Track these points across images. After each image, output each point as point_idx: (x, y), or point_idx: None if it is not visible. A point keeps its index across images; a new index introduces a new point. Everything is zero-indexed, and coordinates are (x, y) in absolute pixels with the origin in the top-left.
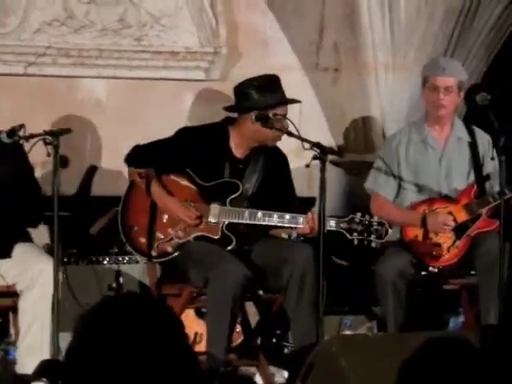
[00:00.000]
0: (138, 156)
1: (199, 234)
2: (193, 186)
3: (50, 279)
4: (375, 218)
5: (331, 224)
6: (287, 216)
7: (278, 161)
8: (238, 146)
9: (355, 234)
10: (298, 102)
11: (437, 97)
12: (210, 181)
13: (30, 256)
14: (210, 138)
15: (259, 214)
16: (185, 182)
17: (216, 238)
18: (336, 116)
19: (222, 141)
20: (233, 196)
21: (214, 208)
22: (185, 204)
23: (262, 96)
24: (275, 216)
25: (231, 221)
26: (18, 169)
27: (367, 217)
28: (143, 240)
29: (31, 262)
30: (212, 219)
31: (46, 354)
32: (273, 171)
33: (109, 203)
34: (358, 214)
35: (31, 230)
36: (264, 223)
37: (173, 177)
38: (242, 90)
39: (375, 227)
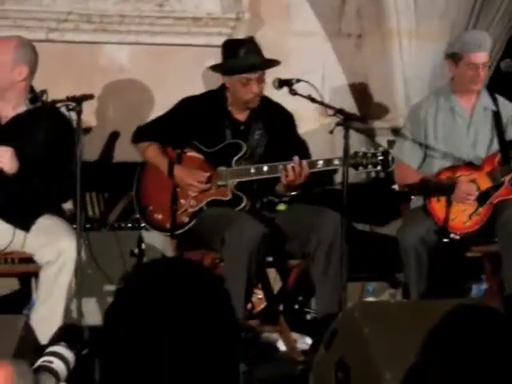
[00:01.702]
0: (144, 133)
1: (210, 198)
2: (198, 155)
3: (72, 257)
4: (379, 149)
5: (319, 164)
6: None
7: (282, 119)
8: (236, 109)
9: (361, 167)
10: (273, 61)
11: (476, 73)
12: (213, 146)
13: (54, 231)
14: (209, 105)
15: (265, 167)
16: (191, 153)
17: (227, 199)
18: (359, 82)
19: (220, 105)
20: (237, 156)
21: (221, 171)
22: (191, 170)
23: (236, 58)
24: (280, 166)
25: (239, 180)
26: (56, 143)
27: (371, 149)
28: (159, 216)
29: (55, 238)
30: (220, 182)
31: (58, 325)
32: (278, 129)
33: (130, 169)
34: (362, 148)
35: None
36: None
37: (178, 149)
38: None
39: (380, 157)
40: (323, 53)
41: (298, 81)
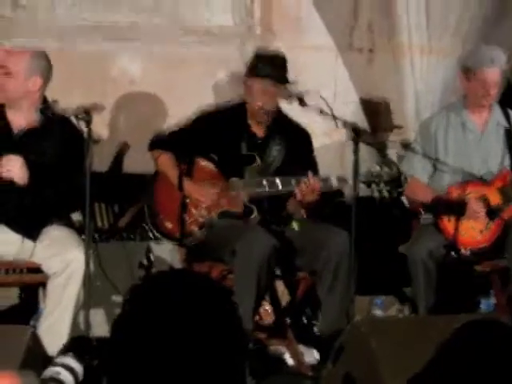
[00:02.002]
0: (161, 141)
1: (222, 209)
2: (212, 165)
3: (80, 268)
4: (394, 169)
5: (332, 181)
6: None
7: (300, 137)
8: (256, 123)
9: (374, 185)
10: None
11: (487, 89)
12: (228, 159)
13: (63, 241)
14: (228, 117)
15: (277, 180)
16: (204, 163)
17: (238, 211)
18: (370, 97)
19: (239, 118)
20: (250, 166)
21: (233, 181)
22: (202, 184)
23: (261, 68)
24: (293, 181)
25: (251, 191)
26: (68, 154)
27: (385, 168)
28: (170, 225)
29: (64, 249)
30: (232, 193)
31: (64, 339)
32: (295, 146)
33: (139, 180)
34: (376, 167)
35: None
36: (284, 190)
37: (195, 160)
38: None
39: (394, 176)
40: (334, 67)
41: (308, 93)
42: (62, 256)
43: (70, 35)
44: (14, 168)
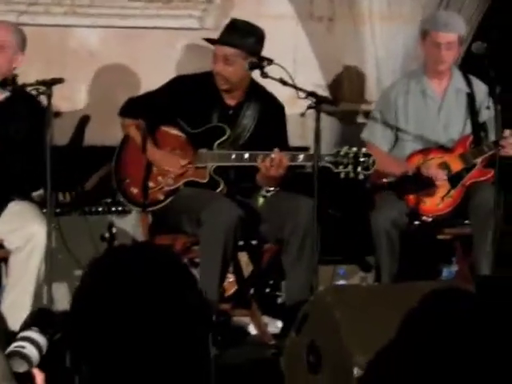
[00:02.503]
0: (132, 107)
1: (188, 179)
2: (182, 134)
3: (42, 242)
4: (362, 150)
5: (300, 158)
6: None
7: (273, 109)
8: (228, 93)
9: (341, 167)
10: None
11: (438, 53)
12: (198, 128)
13: (24, 216)
14: (201, 86)
15: (246, 155)
16: (174, 131)
17: (204, 181)
18: (330, 65)
19: (211, 87)
20: (219, 140)
21: (201, 153)
22: (172, 153)
23: (224, 35)
24: (261, 156)
25: (218, 164)
26: (33, 130)
27: (353, 149)
28: (135, 190)
29: (25, 223)
30: (199, 164)
31: (27, 312)
32: (268, 120)
33: (101, 153)
34: (345, 148)
35: None
36: (251, 164)
37: (163, 127)
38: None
39: (361, 159)
40: (295, 36)
41: (270, 63)
42: (23, 230)
43: (27, 8)
44: None
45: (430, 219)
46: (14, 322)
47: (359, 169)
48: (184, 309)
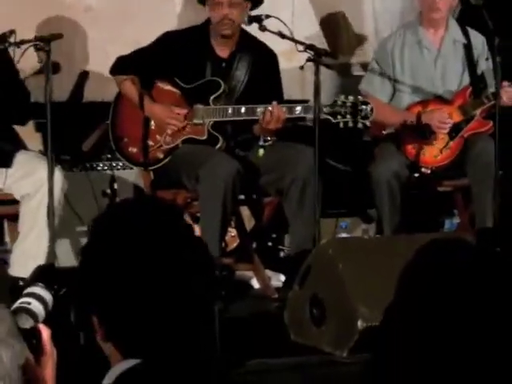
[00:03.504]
0: (123, 64)
1: (186, 136)
2: (176, 90)
3: (55, 185)
4: (359, 98)
5: (297, 110)
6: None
7: (266, 58)
8: (220, 45)
9: (339, 116)
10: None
11: (432, 0)
12: (192, 83)
13: (32, 163)
14: (192, 40)
15: (242, 109)
16: (168, 87)
17: (203, 138)
18: (328, 18)
19: (202, 41)
20: (215, 95)
21: (198, 109)
22: (168, 108)
23: None
24: (258, 109)
25: (216, 119)
26: (4, 74)
27: (350, 98)
28: (134, 150)
29: (35, 169)
30: (197, 120)
31: (41, 261)
32: (261, 69)
33: (101, 109)
34: (341, 97)
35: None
36: (249, 118)
37: (157, 83)
38: None
39: (359, 107)
40: None
41: (268, 16)
42: (33, 176)
43: None
44: None
45: (429, 171)
46: (25, 272)
47: (358, 117)
48: (188, 264)
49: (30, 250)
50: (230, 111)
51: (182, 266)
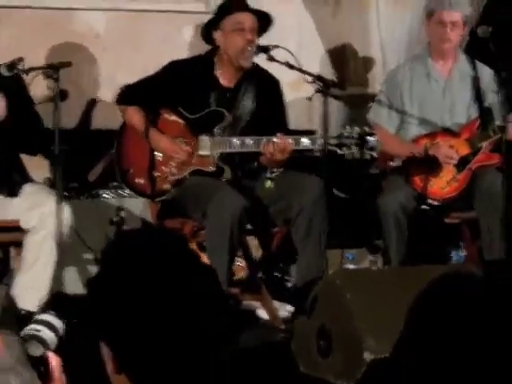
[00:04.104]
0: (129, 95)
1: (193, 168)
2: (181, 120)
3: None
4: (366, 129)
5: (304, 142)
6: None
7: (270, 86)
8: (224, 75)
9: (345, 148)
10: (265, 13)
11: (443, 31)
12: (197, 113)
13: (39, 195)
14: (196, 70)
15: (249, 140)
16: (173, 117)
17: (210, 170)
18: (336, 48)
19: (207, 71)
20: (219, 125)
21: (203, 140)
22: (175, 140)
23: (230, 6)
24: (264, 141)
25: (222, 151)
26: (18, 102)
27: (356, 129)
28: (141, 181)
29: (42, 202)
30: (203, 151)
31: (44, 293)
32: (265, 97)
33: (108, 137)
34: (348, 128)
35: (32, 168)
36: (256, 150)
37: (162, 113)
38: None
39: (366, 138)
40: (300, 19)
41: (276, 47)
42: (41, 209)
43: None
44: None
45: (437, 203)
46: (31, 303)
47: (364, 149)
48: (197, 291)
49: (32, 282)
50: (236, 142)
51: (192, 294)
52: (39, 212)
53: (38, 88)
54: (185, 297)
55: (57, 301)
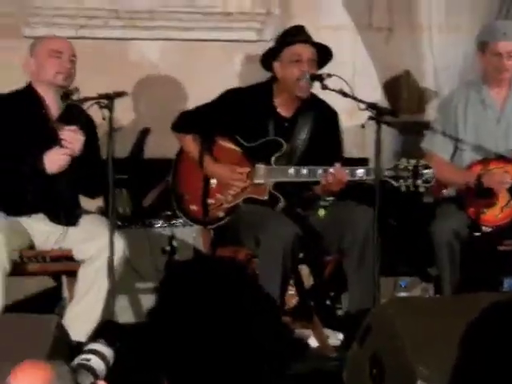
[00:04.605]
0: (185, 122)
1: (247, 196)
2: (238, 148)
3: (116, 253)
4: (421, 162)
5: (359, 173)
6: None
7: (327, 117)
8: (283, 104)
9: (401, 180)
10: (325, 46)
11: (500, 62)
12: (254, 141)
13: (95, 226)
14: (254, 98)
15: (304, 170)
16: (230, 145)
17: (264, 199)
18: (389, 76)
19: (266, 100)
20: (276, 154)
21: (259, 168)
22: (231, 168)
23: (290, 36)
24: (319, 171)
25: (277, 180)
26: (90, 144)
27: (412, 161)
28: (195, 208)
29: (98, 234)
30: (258, 180)
31: (96, 322)
32: (322, 128)
33: (162, 166)
34: (403, 160)
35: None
36: (310, 180)
37: (218, 140)
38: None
39: (421, 171)
40: (353, 46)
41: (330, 75)
42: (96, 241)
43: (87, 22)
44: (78, 142)
45: (490, 230)
46: (81, 334)
47: (419, 182)
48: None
49: (84, 313)
50: (291, 172)
51: (251, 322)
52: (94, 244)
53: (93, 117)
54: (244, 325)
55: (108, 329)
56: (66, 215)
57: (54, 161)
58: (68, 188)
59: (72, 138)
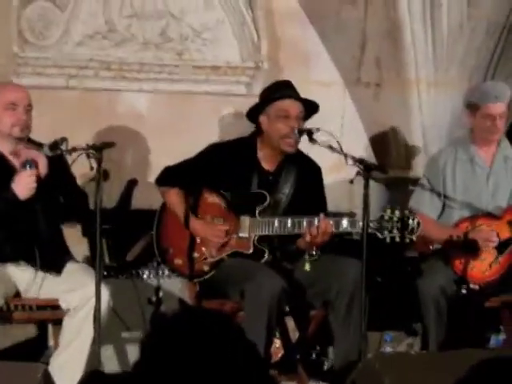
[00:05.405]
0: (169, 176)
1: (232, 250)
2: (222, 202)
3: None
4: (406, 213)
5: (344, 224)
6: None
7: (311, 172)
8: (266, 158)
9: (386, 232)
10: (313, 102)
11: (492, 124)
12: (238, 195)
13: (81, 276)
14: (237, 152)
15: (289, 222)
16: (213, 198)
17: (249, 252)
18: (377, 131)
19: (249, 153)
20: (261, 207)
21: (245, 220)
22: (213, 222)
23: (277, 91)
24: (305, 223)
25: (262, 233)
26: (62, 180)
27: (397, 213)
28: (179, 261)
29: (82, 283)
30: (243, 233)
31: (79, 373)
32: (306, 183)
33: (148, 217)
34: (388, 211)
35: (72, 244)
36: (295, 232)
37: (203, 193)
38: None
39: (406, 222)
40: (342, 101)
41: (318, 130)
42: (81, 290)
43: (77, 72)
44: (41, 160)
45: (477, 287)
46: (65, 383)
47: (405, 233)
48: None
49: (69, 362)
50: (276, 224)
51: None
52: (79, 294)
53: (80, 168)
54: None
55: (94, 379)
56: (46, 260)
57: (23, 184)
58: (49, 228)
59: (35, 157)
